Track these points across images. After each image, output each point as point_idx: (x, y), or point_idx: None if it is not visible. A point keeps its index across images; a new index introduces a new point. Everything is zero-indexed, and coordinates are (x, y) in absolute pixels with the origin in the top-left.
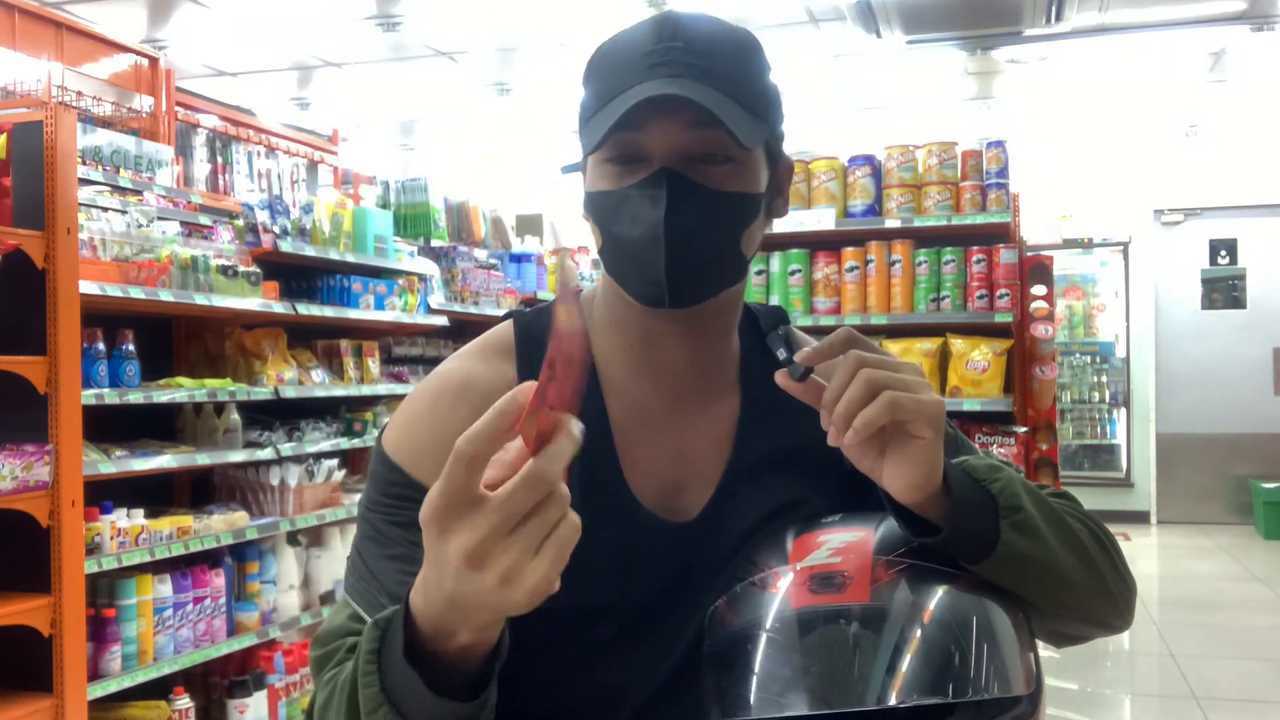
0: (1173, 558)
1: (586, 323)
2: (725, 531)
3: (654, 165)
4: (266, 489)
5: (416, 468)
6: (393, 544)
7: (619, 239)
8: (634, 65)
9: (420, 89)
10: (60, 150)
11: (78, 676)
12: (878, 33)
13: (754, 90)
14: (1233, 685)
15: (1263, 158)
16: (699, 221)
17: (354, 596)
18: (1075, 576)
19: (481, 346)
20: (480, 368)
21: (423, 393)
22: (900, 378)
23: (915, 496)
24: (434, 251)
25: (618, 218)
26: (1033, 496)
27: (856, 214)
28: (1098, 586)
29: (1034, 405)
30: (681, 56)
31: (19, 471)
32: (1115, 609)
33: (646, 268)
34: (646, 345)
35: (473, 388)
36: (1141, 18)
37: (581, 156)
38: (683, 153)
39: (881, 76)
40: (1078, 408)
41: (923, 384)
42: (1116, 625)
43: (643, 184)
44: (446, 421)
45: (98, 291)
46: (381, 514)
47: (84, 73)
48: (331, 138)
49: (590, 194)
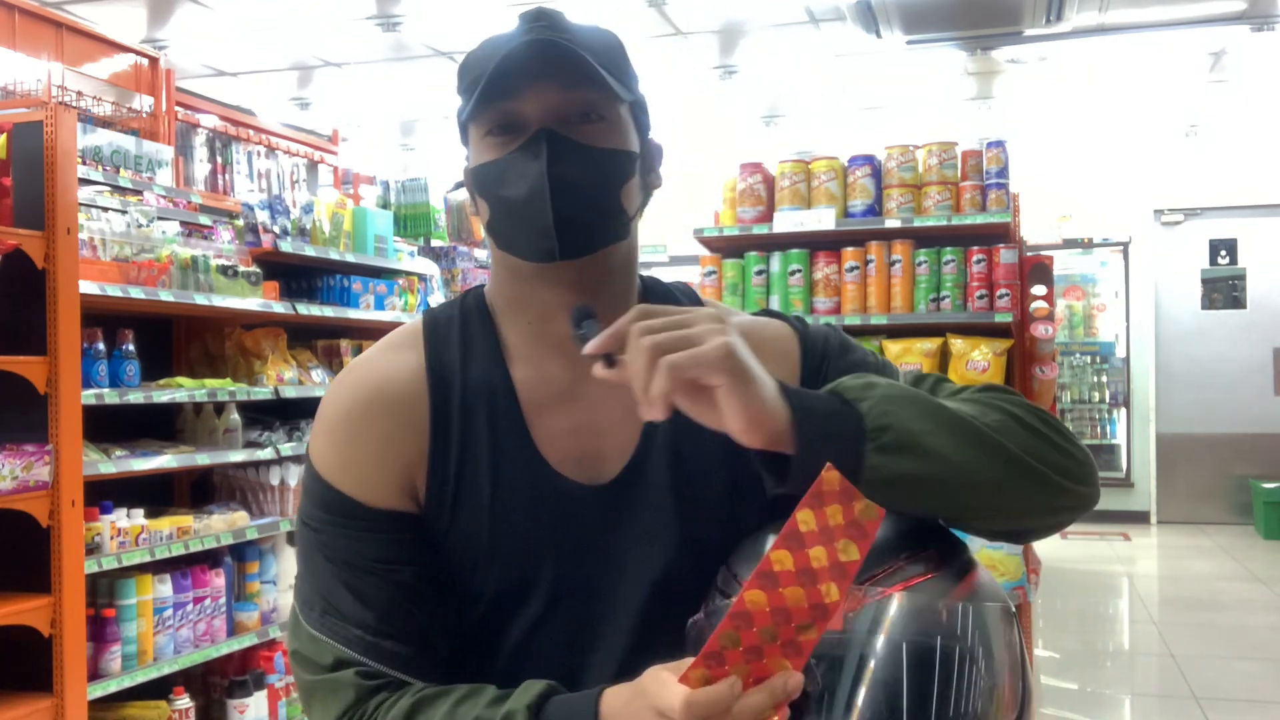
0: (1173, 558)
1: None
2: (646, 492)
3: (532, 129)
4: (266, 489)
5: (341, 479)
6: (345, 568)
7: (505, 201)
8: (501, 46)
9: (420, 89)
10: (60, 150)
11: (78, 676)
12: (878, 33)
13: (616, 60)
14: (1233, 685)
15: (1263, 158)
16: (579, 173)
17: (328, 634)
18: (985, 477)
19: (390, 341)
20: (386, 362)
21: (334, 400)
22: (680, 336)
23: (757, 440)
24: (434, 251)
25: (503, 182)
26: (915, 406)
27: (856, 214)
28: (1025, 478)
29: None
30: (547, 33)
31: (19, 471)
32: (1060, 492)
33: (534, 221)
34: (544, 320)
35: (382, 394)
36: (1141, 18)
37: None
38: (557, 114)
39: (881, 76)
40: (1078, 408)
41: (709, 331)
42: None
43: (523, 146)
44: (361, 430)
45: (98, 291)
46: (322, 531)
47: (84, 73)
48: (331, 138)
49: (474, 169)
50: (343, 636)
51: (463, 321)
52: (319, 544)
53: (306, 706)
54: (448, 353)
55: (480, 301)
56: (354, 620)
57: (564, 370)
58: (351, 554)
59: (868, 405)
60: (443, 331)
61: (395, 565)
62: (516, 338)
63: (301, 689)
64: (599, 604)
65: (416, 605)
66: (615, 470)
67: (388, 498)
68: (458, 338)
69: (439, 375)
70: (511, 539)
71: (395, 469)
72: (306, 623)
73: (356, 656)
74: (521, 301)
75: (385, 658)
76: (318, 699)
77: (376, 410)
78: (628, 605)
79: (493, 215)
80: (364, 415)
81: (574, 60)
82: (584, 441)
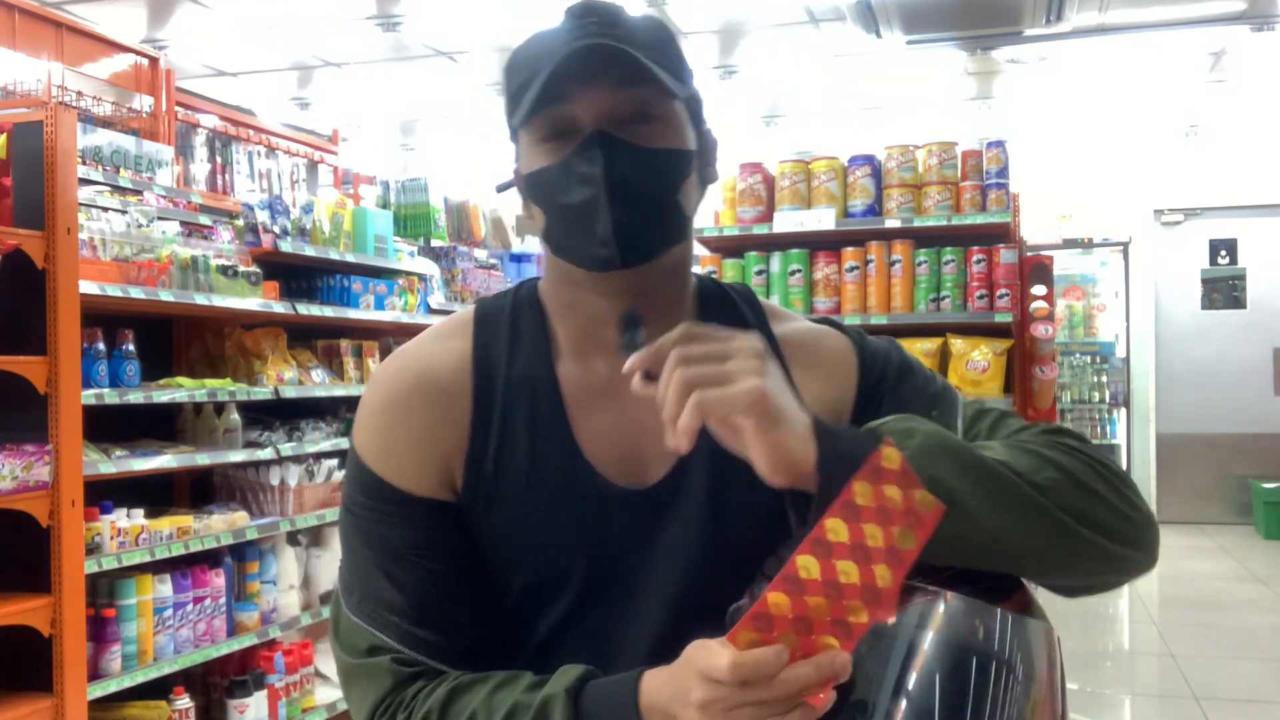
0: (1173, 558)
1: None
2: (687, 497)
3: (585, 132)
4: (266, 489)
5: (381, 465)
6: (383, 553)
7: (563, 208)
8: (553, 49)
9: (420, 89)
10: (60, 150)
11: (78, 676)
12: (878, 33)
13: (669, 54)
14: (1233, 685)
15: (1263, 158)
16: (637, 176)
17: (366, 620)
18: (1022, 541)
19: (439, 328)
20: (434, 349)
21: (379, 385)
22: (713, 371)
23: (782, 479)
24: (434, 251)
25: (558, 188)
26: (956, 460)
27: (856, 214)
28: (1069, 543)
29: (1034, 405)
30: (597, 30)
31: (19, 471)
32: (1108, 557)
33: (592, 229)
34: (596, 324)
35: (425, 383)
36: (1141, 18)
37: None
38: (611, 116)
39: (881, 76)
40: (1078, 408)
41: (741, 370)
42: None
43: (577, 150)
44: (404, 417)
45: (98, 291)
46: (363, 515)
47: (84, 73)
48: (331, 138)
49: (528, 175)
50: (379, 623)
51: (513, 313)
52: (359, 529)
53: (345, 689)
54: (495, 344)
55: (533, 295)
56: (390, 607)
57: (612, 370)
58: (389, 540)
59: (905, 456)
60: (492, 322)
61: (431, 553)
62: (566, 335)
63: (340, 671)
64: (630, 602)
65: (451, 594)
66: (657, 475)
67: (426, 486)
68: (506, 329)
69: (484, 366)
70: (546, 535)
71: (434, 458)
72: (346, 607)
73: (392, 643)
74: (574, 305)
75: (419, 645)
76: (355, 683)
77: (418, 399)
78: (659, 604)
79: (549, 222)
80: (406, 403)
81: (627, 60)
82: (627, 443)
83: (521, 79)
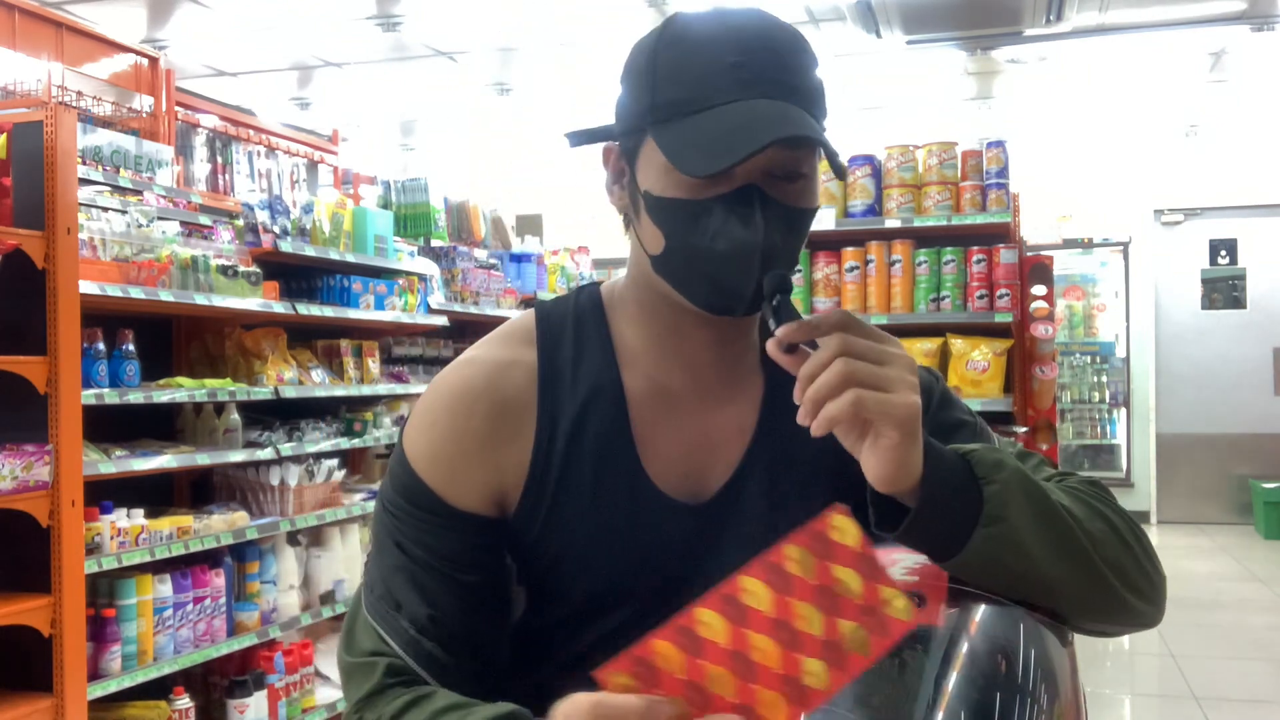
0: (1173, 558)
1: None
2: (741, 513)
3: (736, 180)
4: (266, 489)
5: (429, 472)
6: (410, 559)
7: (696, 250)
8: (721, 75)
9: (420, 89)
10: (60, 150)
11: (78, 676)
12: (878, 33)
13: (822, 105)
14: (1233, 685)
15: (1263, 158)
16: (782, 240)
17: (378, 620)
18: (1065, 588)
19: (504, 334)
20: (503, 357)
21: (443, 389)
22: (877, 373)
23: (886, 488)
24: (434, 251)
25: (697, 229)
26: (1036, 505)
27: (856, 214)
28: (1102, 592)
29: (1034, 405)
30: (770, 72)
31: (19, 471)
32: (1127, 610)
33: (726, 282)
34: (675, 336)
35: (493, 394)
36: (1141, 18)
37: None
38: (766, 169)
39: (881, 76)
40: (1078, 408)
41: (902, 381)
42: (1131, 623)
43: (729, 200)
44: (461, 428)
45: (98, 291)
46: (400, 519)
47: (84, 73)
48: (331, 138)
49: (657, 197)
50: (389, 625)
51: (576, 321)
52: (393, 530)
53: (344, 685)
54: (560, 353)
55: (595, 301)
56: (406, 613)
57: (680, 381)
58: (422, 547)
59: (992, 491)
60: (555, 330)
61: (462, 567)
62: (635, 340)
63: (340, 668)
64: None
65: (471, 611)
66: (714, 489)
67: (474, 501)
68: (571, 335)
69: (551, 379)
70: (606, 550)
71: (489, 474)
72: (365, 603)
73: (395, 648)
74: (655, 312)
75: (422, 658)
76: (351, 680)
77: (481, 410)
78: None
79: (671, 253)
80: (468, 413)
81: (804, 126)
82: (689, 457)
83: (679, 95)
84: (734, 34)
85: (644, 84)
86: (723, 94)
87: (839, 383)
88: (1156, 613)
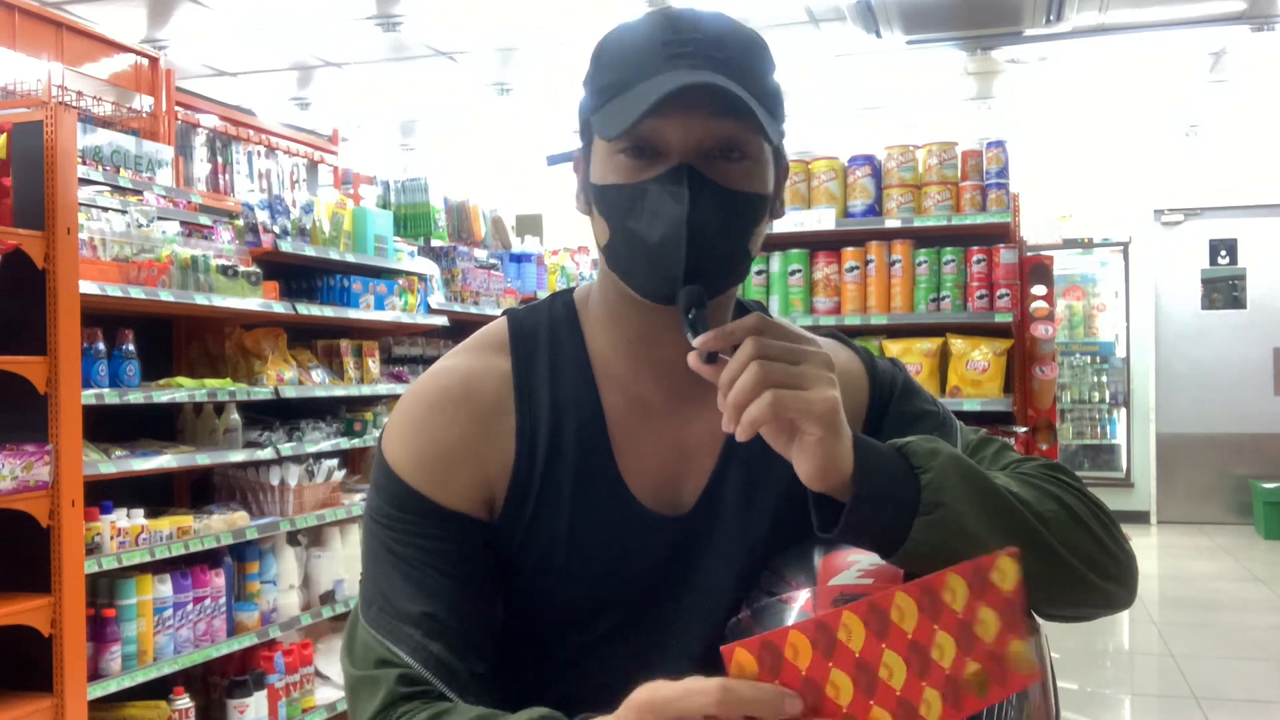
0: (1173, 558)
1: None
2: (718, 521)
3: (671, 159)
4: (266, 489)
5: (416, 477)
6: (407, 564)
7: (633, 235)
8: (652, 54)
9: (420, 89)
10: (60, 150)
11: (78, 676)
12: (878, 33)
13: (766, 88)
14: (1233, 685)
15: (1263, 158)
16: (717, 221)
17: (382, 633)
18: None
19: (476, 343)
20: (476, 365)
21: (420, 396)
22: (792, 371)
23: (819, 485)
24: (434, 251)
25: (633, 213)
26: (973, 486)
27: (856, 214)
28: (1060, 573)
29: (1034, 405)
30: (701, 48)
31: (19, 471)
32: (1092, 590)
33: (662, 266)
34: (645, 342)
35: (471, 394)
36: (1141, 18)
37: (579, 147)
38: (700, 148)
39: (881, 76)
40: (1078, 408)
41: (818, 378)
42: (1102, 604)
43: (662, 179)
44: (444, 431)
45: (98, 291)
46: (390, 527)
47: (84, 73)
48: (331, 138)
49: (600, 187)
50: (394, 635)
51: (550, 330)
52: (384, 539)
53: (349, 702)
54: (536, 364)
55: (570, 309)
56: (408, 618)
57: (655, 393)
58: (416, 550)
59: (928, 478)
60: (529, 339)
61: (458, 569)
62: (609, 352)
63: (346, 685)
64: (665, 626)
65: (472, 613)
66: (690, 500)
67: (463, 500)
68: (545, 348)
69: (527, 387)
70: (586, 563)
71: (475, 473)
72: (363, 619)
73: (403, 656)
74: (624, 318)
75: (431, 662)
76: (358, 694)
77: (463, 412)
78: (694, 627)
79: (614, 241)
80: (449, 414)
81: (732, 96)
82: (666, 468)
83: (613, 79)
84: (672, 19)
85: (588, 79)
86: (650, 70)
87: (755, 385)
88: (1125, 593)
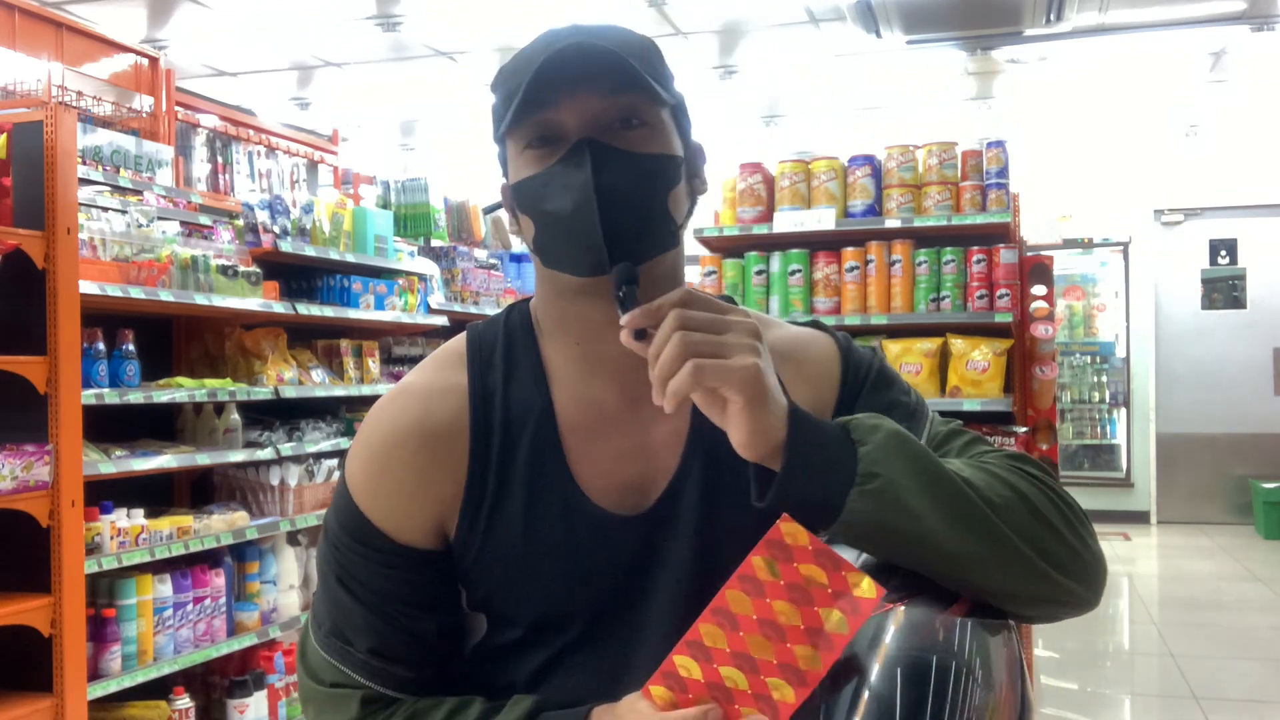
0: (1173, 558)
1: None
2: (681, 517)
3: (571, 139)
4: (266, 489)
5: (370, 507)
6: (356, 599)
7: (551, 215)
8: (538, 55)
9: (420, 89)
10: (60, 150)
11: (78, 676)
12: (878, 33)
13: (654, 63)
14: (1233, 685)
15: (1263, 158)
16: (625, 182)
17: (333, 656)
18: (963, 550)
19: (436, 360)
20: (435, 384)
21: (381, 424)
22: (713, 340)
23: (752, 454)
24: (434, 251)
25: (546, 195)
26: (913, 461)
27: (856, 214)
28: (1011, 562)
29: (1034, 405)
30: (584, 38)
31: (19, 471)
32: (1047, 582)
33: (582, 234)
34: (591, 340)
35: (424, 426)
36: (1141, 18)
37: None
38: (597, 122)
39: (881, 76)
40: (1078, 408)
41: (740, 345)
42: (1060, 601)
43: (565, 157)
44: (400, 469)
45: (98, 291)
46: (344, 555)
47: (84, 73)
48: (331, 138)
49: (515, 185)
50: (348, 661)
51: (506, 341)
52: (337, 564)
53: (304, 709)
54: (491, 375)
55: (525, 319)
56: (360, 646)
57: (609, 394)
58: (367, 583)
59: (866, 449)
60: (487, 352)
61: (409, 601)
62: (561, 359)
63: (302, 694)
64: (632, 628)
65: (427, 639)
66: (651, 500)
67: (414, 535)
68: (501, 359)
69: (481, 401)
70: (545, 570)
71: (427, 507)
72: (314, 638)
73: (359, 679)
74: (567, 321)
75: (389, 681)
76: (320, 709)
77: (415, 443)
78: (660, 627)
79: (538, 231)
80: (402, 448)
81: (612, 64)
82: (626, 469)
83: (508, 89)
84: (563, 28)
85: (493, 107)
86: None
87: (678, 355)
88: (1086, 592)
